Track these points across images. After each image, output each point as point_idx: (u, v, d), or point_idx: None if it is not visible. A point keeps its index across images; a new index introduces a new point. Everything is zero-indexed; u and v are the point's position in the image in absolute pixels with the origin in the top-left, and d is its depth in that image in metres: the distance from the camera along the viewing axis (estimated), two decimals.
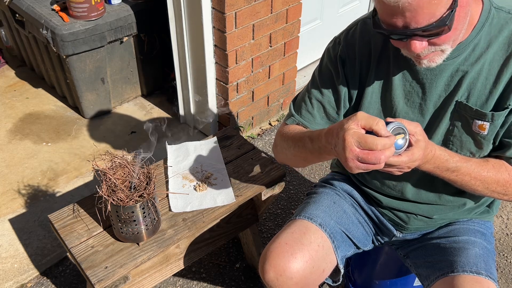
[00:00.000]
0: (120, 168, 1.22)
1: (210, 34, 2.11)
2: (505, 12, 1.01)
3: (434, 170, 1.01)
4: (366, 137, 0.84)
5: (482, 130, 1.05)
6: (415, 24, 0.87)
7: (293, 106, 1.24)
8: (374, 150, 0.84)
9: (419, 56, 0.96)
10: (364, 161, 0.85)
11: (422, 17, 0.86)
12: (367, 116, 0.87)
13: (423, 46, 0.92)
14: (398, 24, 0.89)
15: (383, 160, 0.84)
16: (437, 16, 0.86)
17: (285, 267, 1.12)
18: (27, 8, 2.32)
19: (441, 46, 0.94)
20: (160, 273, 1.47)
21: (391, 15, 0.88)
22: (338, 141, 0.88)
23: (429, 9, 0.85)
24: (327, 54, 1.19)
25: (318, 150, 1.02)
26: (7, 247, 1.87)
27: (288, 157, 1.20)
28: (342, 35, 1.17)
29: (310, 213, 1.24)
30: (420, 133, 0.91)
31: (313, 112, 1.19)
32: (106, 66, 2.45)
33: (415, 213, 1.24)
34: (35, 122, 2.55)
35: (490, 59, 1.01)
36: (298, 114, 1.21)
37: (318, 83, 1.19)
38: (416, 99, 1.09)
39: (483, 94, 1.03)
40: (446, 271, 1.11)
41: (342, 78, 1.15)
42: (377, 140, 0.83)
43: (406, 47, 0.95)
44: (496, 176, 1.04)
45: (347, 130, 0.86)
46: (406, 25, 0.88)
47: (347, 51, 1.14)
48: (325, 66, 1.19)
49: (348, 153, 0.85)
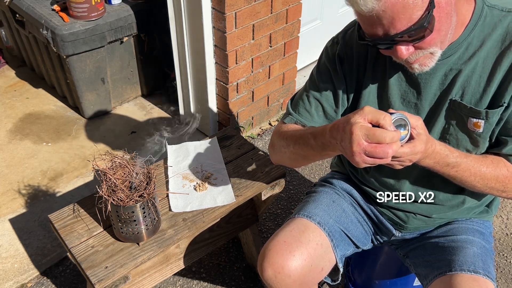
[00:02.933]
0: (120, 168, 1.22)
1: (210, 34, 2.11)
2: (498, 10, 1.01)
3: (434, 165, 1.00)
4: (374, 130, 0.83)
5: (477, 128, 1.05)
6: (394, 30, 0.89)
7: (290, 105, 1.24)
8: (382, 143, 0.83)
9: (408, 62, 0.97)
10: (371, 154, 0.84)
11: (399, 22, 0.87)
12: (374, 110, 0.86)
13: (409, 52, 0.94)
14: (379, 32, 0.91)
15: (391, 154, 0.83)
16: (414, 19, 0.87)
17: (283, 264, 1.12)
18: (27, 8, 2.32)
19: (429, 49, 0.94)
20: (160, 273, 1.47)
21: (370, 25, 0.91)
22: (345, 135, 0.86)
23: (405, 14, 0.86)
24: (326, 53, 1.20)
25: (321, 146, 1.00)
26: (7, 247, 1.88)
27: (287, 156, 1.18)
28: (340, 34, 1.18)
29: (309, 211, 1.24)
30: (421, 127, 0.91)
31: (311, 111, 1.18)
32: (106, 66, 2.46)
33: (414, 213, 1.24)
34: (35, 122, 2.55)
35: (484, 57, 1.01)
36: (296, 113, 1.20)
37: (316, 82, 1.19)
38: (412, 99, 1.10)
39: (477, 92, 1.03)
40: (444, 270, 1.11)
41: (341, 76, 1.15)
42: (385, 133, 0.83)
43: (393, 54, 0.96)
44: (495, 171, 1.04)
45: (354, 123, 0.84)
46: (386, 33, 0.90)
47: (346, 50, 1.14)
48: (323, 64, 1.19)
49: (355, 147, 0.84)
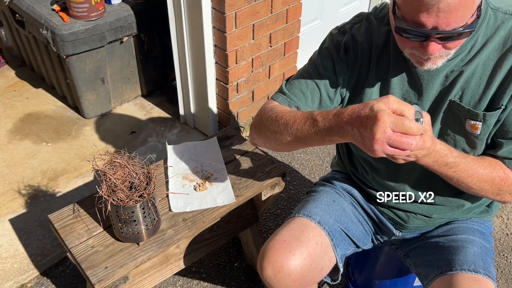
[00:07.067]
0: (120, 168, 1.22)
1: (210, 34, 2.11)
2: (502, 12, 1.01)
3: (432, 164, 0.99)
4: (403, 119, 0.80)
5: (474, 130, 1.04)
6: (445, 26, 0.85)
7: (285, 85, 1.18)
8: (409, 134, 0.80)
9: (428, 59, 0.95)
10: (395, 144, 0.80)
11: (453, 20, 0.84)
12: (399, 100, 0.83)
13: (438, 49, 0.91)
14: (428, 23, 0.86)
15: (414, 146, 0.81)
16: (464, 21, 0.86)
17: (283, 263, 1.12)
18: (27, 8, 2.32)
19: (452, 50, 0.93)
20: (160, 273, 1.47)
21: (423, 14, 0.85)
22: (368, 122, 0.81)
23: (462, 13, 0.84)
24: (330, 39, 1.15)
25: (328, 131, 0.93)
26: (7, 247, 1.88)
27: (275, 137, 1.08)
28: (348, 26, 1.15)
29: (309, 211, 1.24)
30: (428, 123, 0.89)
31: (306, 93, 1.13)
32: (106, 66, 2.45)
33: (415, 212, 1.24)
34: (35, 122, 2.55)
35: (485, 59, 1.01)
36: (290, 93, 1.14)
37: (316, 66, 1.15)
38: (413, 99, 1.09)
39: (476, 94, 1.03)
40: (445, 270, 1.11)
41: (344, 63, 1.12)
42: (413, 123, 0.80)
43: (419, 48, 0.93)
44: (492, 174, 1.03)
45: (380, 110, 0.80)
46: (435, 26, 0.86)
47: (352, 43, 1.12)
48: (326, 49, 1.15)
49: (380, 134, 0.80)
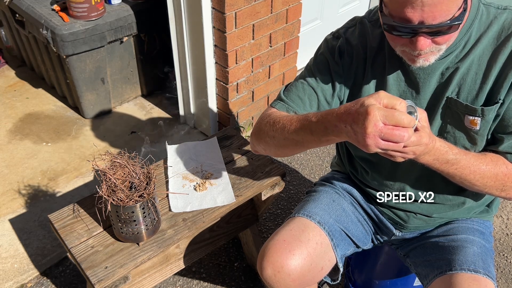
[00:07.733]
0: (120, 168, 1.22)
1: (210, 34, 2.11)
2: (494, 7, 1.02)
3: (433, 162, 0.98)
4: (393, 111, 0.80)
5: (474, 125, 1.04)
6: (432, 20, 0.86)
7: (283, 92, 1.20)
8: (399, 126, 0.80)
9: (418, 55, 0.95)
10: (387, 137, 0.80)
11: (439, 13, 0.85)
12: (390, 95, 0.83)
13: (427, 44, 0.91)
14: (414, 18, 0.87)
15: (407, 138, 0.81)
16: (450, 14, 0.86)
17: (283, 263, 1.12)
18: (27, 8, 2.32)
19: (442, 45, 0.93)
20: (160, 273, 1.47)
21: (408, 9, 0.86)
22: (359, 117, 0.82)
23: (447, 6, 0.84)
24: (325, 45, 1.17)
25: (323, 131, 0.94)
26: (7, 247, 1.87)
27: (275, 143, 1.10)
28: (341, 30, 1.16)
29: (309, 211, 1.24)
30: (425, 120, 0.89)
31: (303, 98, 1.14)
32: (106, 66, 2.45)
33: (415, 212, 1.24)
34: (35, 122, 2.55)
35: (480, 54, 1.01)
36: (288, 99, 1.16)
37: (312, 71, 1.16)
38: (410, 99, 1.09)
39: (473, 89, 1.03)
40: (444, 269, 1.11)
41: (340, 67, 1.13)
42: (404, 115, 0.80)
43: (409, 44, 0.93)
44: (494, 169, 1.03)
45: (370, 105, 0.81)
46: (421, 21, 0.86)
47: (347, 46, 1.13)
48: (322, 55, 1.17)
49: (371, 128, 0.80)
